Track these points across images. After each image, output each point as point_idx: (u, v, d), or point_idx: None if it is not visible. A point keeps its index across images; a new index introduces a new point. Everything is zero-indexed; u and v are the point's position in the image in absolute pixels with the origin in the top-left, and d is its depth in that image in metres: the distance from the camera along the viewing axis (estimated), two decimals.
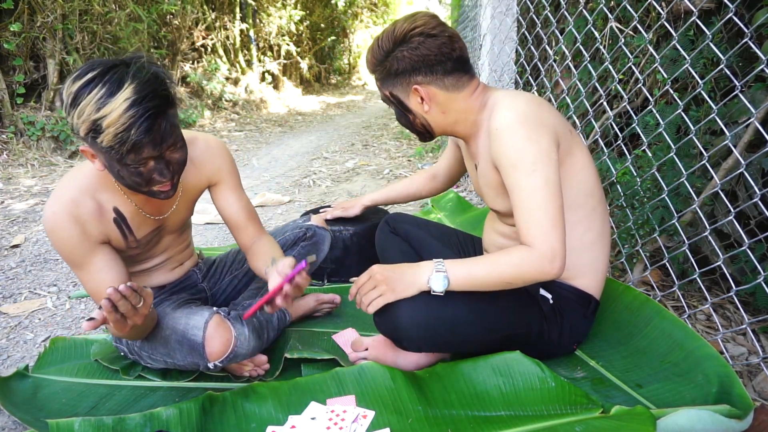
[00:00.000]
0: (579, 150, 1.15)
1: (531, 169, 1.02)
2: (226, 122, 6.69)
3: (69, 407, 1.21)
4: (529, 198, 1.02)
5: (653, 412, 0.96)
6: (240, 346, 1.18)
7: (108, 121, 0.91)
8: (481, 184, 1.25)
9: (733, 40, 1.57)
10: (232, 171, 1.31)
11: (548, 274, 1.01)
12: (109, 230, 1.14)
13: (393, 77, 1.14)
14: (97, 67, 0.94)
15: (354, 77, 12.69)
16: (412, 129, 1.23)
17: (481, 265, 1.06)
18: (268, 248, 1.25)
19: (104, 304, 0.92)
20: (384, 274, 1.09)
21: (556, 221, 1.02)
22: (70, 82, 0.94)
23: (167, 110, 0.98)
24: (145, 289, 1.01)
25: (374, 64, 1.16)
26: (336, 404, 1.09)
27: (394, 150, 4.78)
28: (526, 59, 2.50)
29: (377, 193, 1.79)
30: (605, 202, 1.23)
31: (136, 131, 0.93)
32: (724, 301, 1.63)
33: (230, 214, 1.31)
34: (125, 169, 0.99)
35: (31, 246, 2.50)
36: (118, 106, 0.91)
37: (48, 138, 4.38)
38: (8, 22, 4.19)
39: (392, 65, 1.12)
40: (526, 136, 1.03)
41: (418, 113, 1.17)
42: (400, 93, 1.16)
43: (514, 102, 1.07)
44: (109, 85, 0.92)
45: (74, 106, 0.93)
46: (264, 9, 8.60)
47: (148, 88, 0.93)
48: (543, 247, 1.01)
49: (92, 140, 0.95)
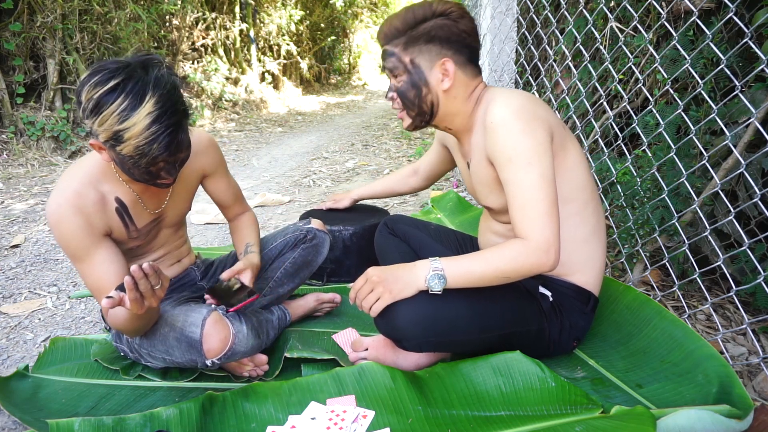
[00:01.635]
0: (572, 144, 1.16)
1: (526, 163, 1.02)
2: (226, 122, 6.69)
3: (69, 407, 1.21)
4: (524, 191, 1.03)
5: (653, 412, 0.96)
6: (238, 343, 1.18)
7: (130, 134, 0.97)
8: (474, 182, 1.25)
9: (733, 40, 1.57)
10: (222, 162, 1.41)
11: (544, 265, 1.02)
12: (112, 221, 1.17)
13: (423, 43, 1.11)
14: (117, 72, 0.97)
15: (354, 77, 12.70)
16: (413, 106, 1.17)
17: (478, 260, 1.06)
18: (247, 230, 1.44)
19: (127, 281, 0.94)
20: (380, 276, 1.09)
21: (551, 214, 1.03)
22: (91, 86, 0.97)
23: (184, 123, 1.04)
24: (163, 273, 1.03)
25: (399, 29, 1.12)
26: (336, 404, 1.09)
27: (394, 150, 4.78)
28: (526, 59, 2.50)
29: (364, 188, 1.91)
30: (598, 197, 1.24)
31: (158, 146, 0.99)
32: (724, 301, 1.63)
33: (220, 198, 1.44)
34: (136, 169, 1.05)
35: (31, 246, 2.50)
36: (141, 120, 0.96)
37: (48, 138, 4.38)
38: (8, 22, 4.19)
39: (428, 30, 1.10)
40: (522, 129, 1.03)
41: (434, 88, 1.14)
42: (423, 62, 1.12)
43: (508, 98, 1.09)
44: (132, 97, 0.96)
45: (96, 114, 0.97)
46: (264, 9, 8.60)
47: (169, 103, 0.99)
48: (538, 239, 1.01)
49: (111, 147, 1.00)
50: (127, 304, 0.96)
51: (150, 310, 1.06)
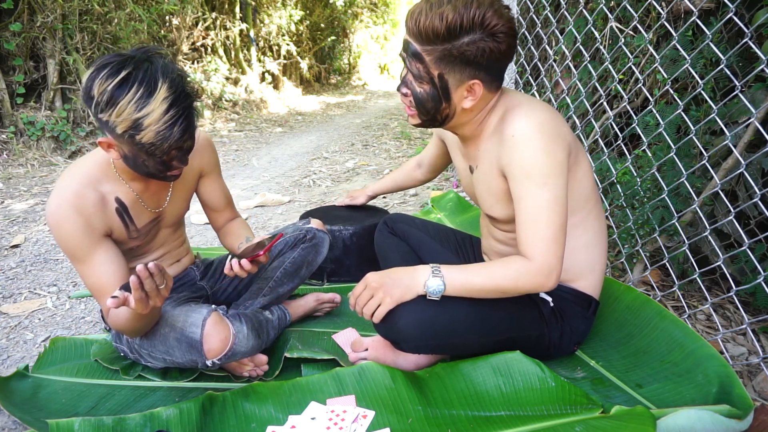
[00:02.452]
0: (583, 157, 1.15)
1: (542, 182, 1.01)
2: (226, 122, 6.68)
3: (69, 407, 1.21)
4: (536, 211, 1.01)
5: (653, 412, 0.96)
6: (238, 343, 1.18)
7: (150, 120, 0.99)
8: (477, 188, 1.22)
9: (733, 40, 1.57)
10: (217, 163, 1.42)
11: (543, 287, 1.03)
12: (112, 221, 1.17)
13: (460, 63, 1.00)
14: (124, 64, 0.99)
15: (354, 77, 12.68)
16: (427, 113, 1.10)
17: (478, 274, 1.06)
18: (242, 229, 1.43)
19: (132, 280, 0.95)
20: (379, 281, 1.08)
21: (558, 237, 1.02)
22: (101, 80, 0.98)
23: (194, 107, 1.07)
24: (168, 273, 1.03)
25: (438, 34, 0.97)
26: (336, 404, 1.09)
27: (394, 150, 4.78)
28: (526, 59, 2.50)
29: (376, 185, 1.92)
30: (601, 203, 1.23)
31: (178, 129, 1.02)
32: (724, 301, 1.63)
33: (213, 201, 1.43)
34: (152, 159, 1.06)
35: (31, 246, 2.50)
36: (159, 106, 0.99)
37: (48, 138, 4.38)
38: (8, 22, 4.19)
39: (468, 50, 0.98)
40: (543, 147, 1.01)
41: (455, 105, 1.08)
42: (452, 80, 1.03)
43: (532, 110, 1.04)
44: (146, 85, 0.98)
45: (112, 106, 0.98)
46: (264, 9, 8.60)
47: (180, 87, 1.02)
48: (542, 263, 1.01)
49: (129, 137, 1.00)
50: (132, 303, 0.97)
51: (153, 310, 1.06)
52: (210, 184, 1.41)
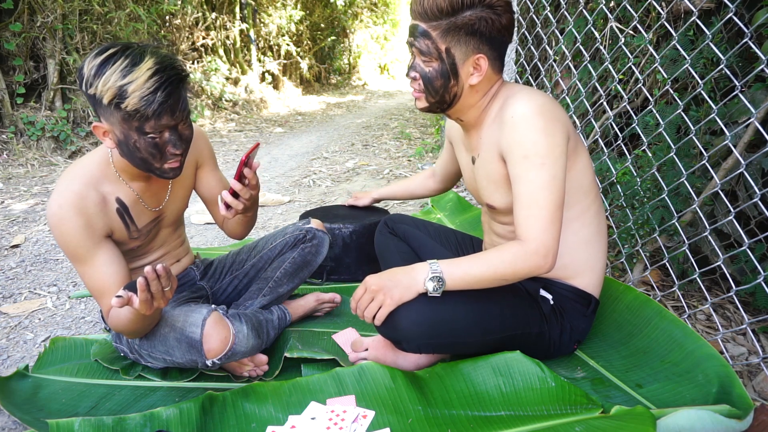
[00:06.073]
0: (582, 149, 1.16)
1: (540, 162, 1.02)
2: (226, 122, 6.68)
3: (69, 407, 1.21)
4: (533, 191, 1.03)
5: (653, 412, 0.96)
6: (238, 343, 1.18)
7: (134, 86, 1.00)
8: (478, 177, 1.23)
9: (733, 40, 1.57)
10: (212, 154, 1.41)
11: (541, 268, 1.03)
12: (113, 221, 1.18)
13: (464, 35, 1.06)
14: (114, 46, 1.03)
15: (354, 77, 12.68)
16: (436, 93, 1.13)
17: (476, 263, 1.06)
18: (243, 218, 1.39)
19: (140, 282, 0.95)
20: (379, 283, 1.08)
21: (554, 218, 1.03)
22: (90, 58, 1.02)
23: (184, 81, 1.07)
24: (173, 275, 1.04)
25: (443, 10, 1.04)
26: (336, 404, 1.09)
27: (394, 150, 4.78)
28: (526, 59, 2.50)
29: (384, 189, 1.90)
30: (601, 201, 1.24)
31: (162, 93, 1.02)
32: (724, 301, 1.63)
33: (211, 193, 1.42)
34: (142, 138, 1.06)
35: (31, 246, 2.50)
36: (143, 74, 1.00)
37: (48, 138, 4.38)
38: (8, 22, 4.19)
39: (472, 22, 1.04)
40: (542, 128, 1.03)
41: (462, 81, 1.11)
42: (459, 53, 1.08)
43: (531, 95, 1.08)
44: (132, 57, 1.01)
45: (98, 76, 1.00)
46: (264, 9, 8.60)
47: (167, 60, 1.05)
48: (538, 243, 1.02)
49: (116, 106, 1.02)
50: (136, 304, 0.97)
51: (155, 312, 1.06)
52: (207, 175, 1.39)
